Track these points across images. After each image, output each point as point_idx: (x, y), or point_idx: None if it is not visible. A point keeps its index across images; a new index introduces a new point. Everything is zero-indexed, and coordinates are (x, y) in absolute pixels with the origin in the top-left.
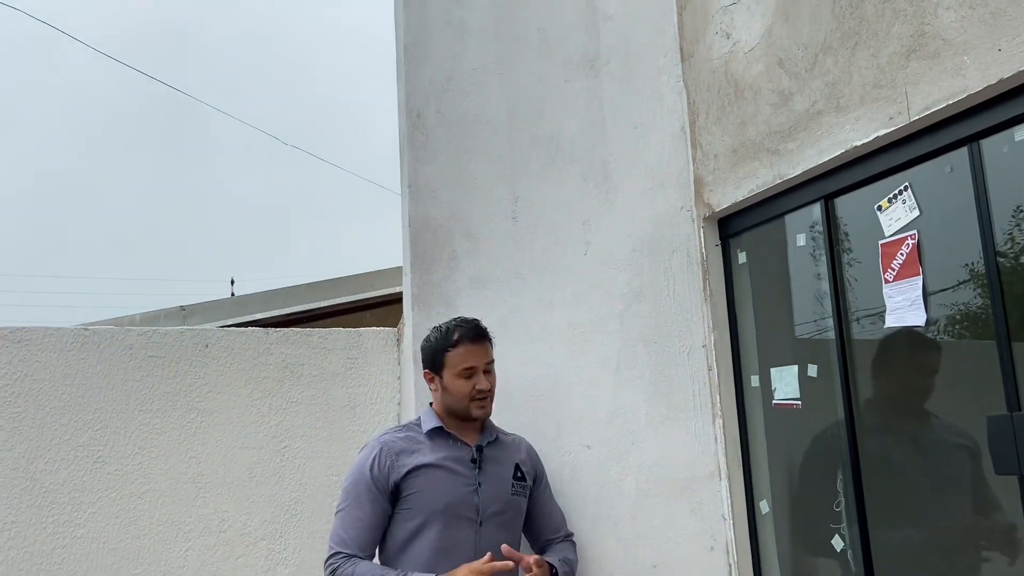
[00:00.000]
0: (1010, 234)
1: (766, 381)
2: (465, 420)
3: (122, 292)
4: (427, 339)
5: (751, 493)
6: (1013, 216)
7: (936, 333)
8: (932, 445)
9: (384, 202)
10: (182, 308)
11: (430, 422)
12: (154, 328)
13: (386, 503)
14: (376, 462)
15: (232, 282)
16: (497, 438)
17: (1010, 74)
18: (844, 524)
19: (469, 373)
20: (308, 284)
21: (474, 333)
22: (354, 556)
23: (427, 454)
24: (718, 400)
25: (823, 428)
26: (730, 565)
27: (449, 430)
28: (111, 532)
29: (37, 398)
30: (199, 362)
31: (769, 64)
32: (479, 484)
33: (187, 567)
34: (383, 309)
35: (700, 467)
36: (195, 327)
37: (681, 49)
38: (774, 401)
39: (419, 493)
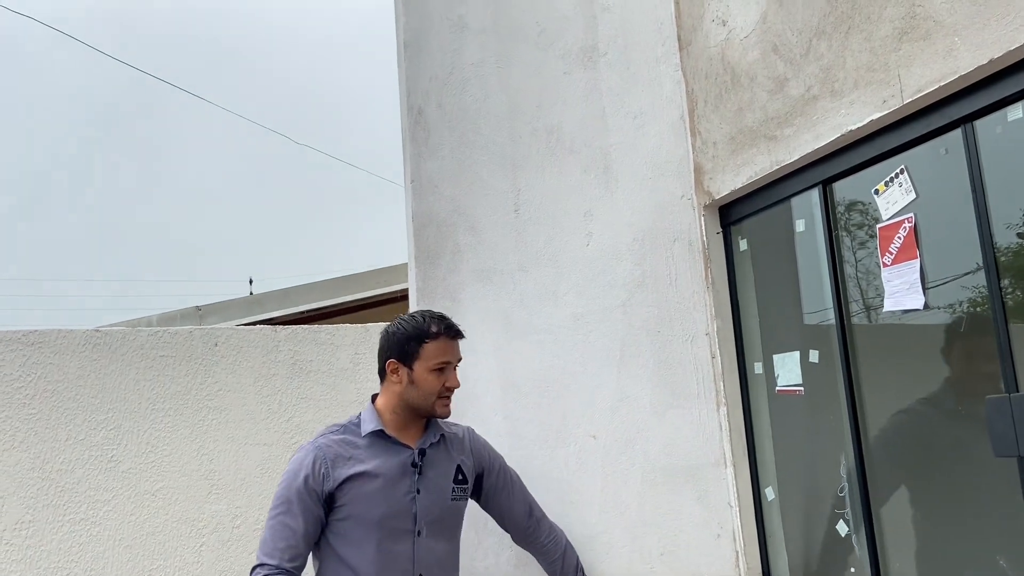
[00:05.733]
0: (1006, 214)
1: (769, 368)
2: (423, 417)
3: (142, 294)
4: (397, 327)
5: (756, 480)
6: (1008, 196)
7: (934, 316)
8: (933, 428)
9: (393, 196)
10: (198, 308)
11: (370, 423)
12: (164, 328)
13: (319, 511)
14: (310, 469)
15: (251, 281)
16: (442, 437)
17: (1000, 54)
18: (848, 509)
19: (443, 368)
20: (323, 281)
21: (454, 330)
22: (281, 569)
23: (364, 461)
24: (722, 388)
25: (825, 414)
26: (737, 552)
27: (390, 432)
28: (126, 530)
29: (51, 399)
30: (209, 361)
31: (764, 50)
32: (417, 491)
33: (202, 563)
34: (398, 304)
35: (705, 455)
36: (204, 327)
37: (679, 38)
38: (777, 388)
39: (354, 504)
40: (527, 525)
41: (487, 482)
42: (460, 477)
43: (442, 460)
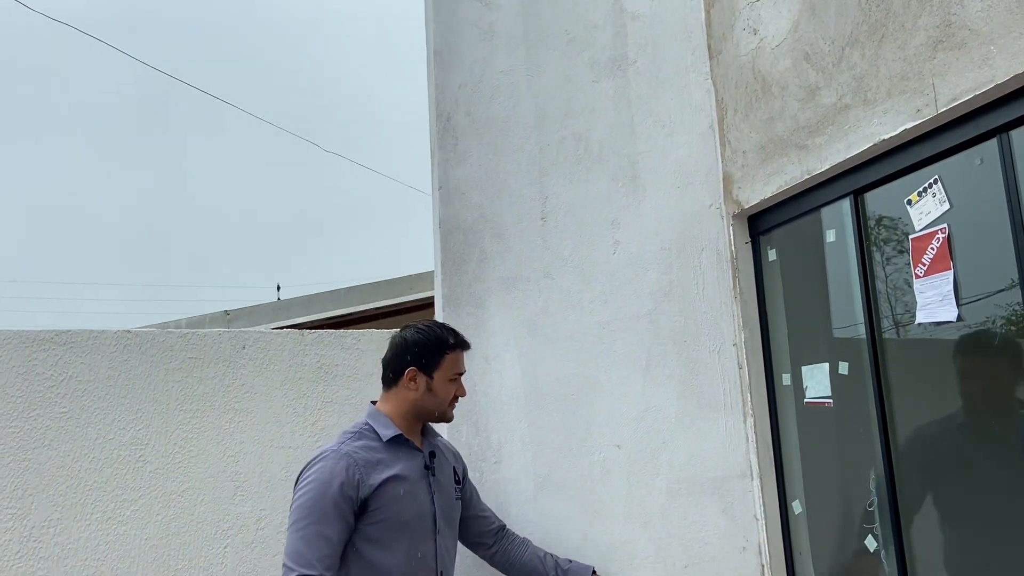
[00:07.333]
0: None
1: (797, 379)
2: (430, 422)
3: (168, 299)
4: (417, 337)
5: (783, 493)
6: None
7: (968, 328)
8: (966, 442)
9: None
10: (226, 312)
11: (388, 429)
12: (193, 330)
13: (352, 519)
14: (345, 476)
15: (278, 288)
16: (437, 442)
17: None
18: (877, 524)
19: (458, 377)
20: (348, 288)
21: (466, 342)
22: None
23: (391, 465)
24: (749, 399)
25: (855, 427)
26: (762, 565)
27: (408, 436)
28: (152, 529)
29: (81, 399)
30: (237, 363)
31: (796, 59)
32: (434, 492)
33: (226, 563)
34: (423, 312)
35: (731, 466)
36: (233, 329)
37: (708, 46)
38: (805, 400)
39: (388, 508)
40: (498, 527)
41: (466, 488)
42: (457, 478)
43: (444, 462)
